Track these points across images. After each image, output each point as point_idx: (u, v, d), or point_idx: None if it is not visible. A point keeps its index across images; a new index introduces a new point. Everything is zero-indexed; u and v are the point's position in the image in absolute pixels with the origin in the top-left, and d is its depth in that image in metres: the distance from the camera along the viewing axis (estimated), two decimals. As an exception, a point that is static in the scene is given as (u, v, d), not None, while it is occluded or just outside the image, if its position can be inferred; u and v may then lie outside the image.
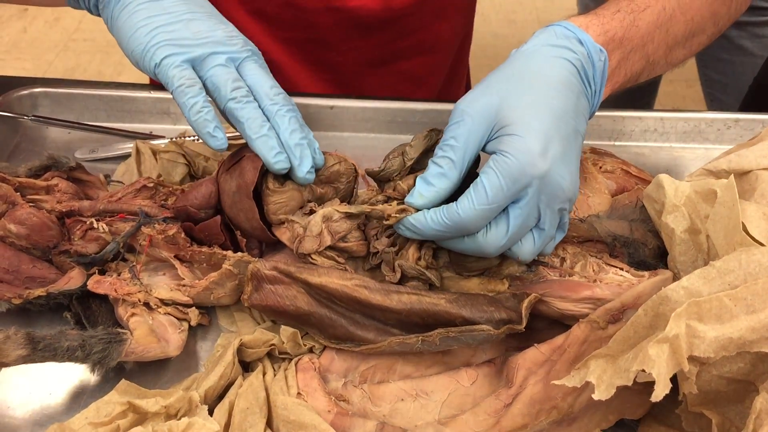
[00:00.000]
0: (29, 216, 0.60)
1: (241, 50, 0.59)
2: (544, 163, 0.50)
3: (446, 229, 0.51)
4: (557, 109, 0.52)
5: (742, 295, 0.44)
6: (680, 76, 2.07)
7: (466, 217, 0.50)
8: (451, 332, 0.51)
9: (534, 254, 0.53)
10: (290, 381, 0.54)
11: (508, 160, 0.50)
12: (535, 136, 0.50)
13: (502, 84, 0.54)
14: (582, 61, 0.55)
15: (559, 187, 0.51)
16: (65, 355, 0.52)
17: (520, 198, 0.50)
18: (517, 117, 0.51)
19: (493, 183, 0.49)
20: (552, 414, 0.50)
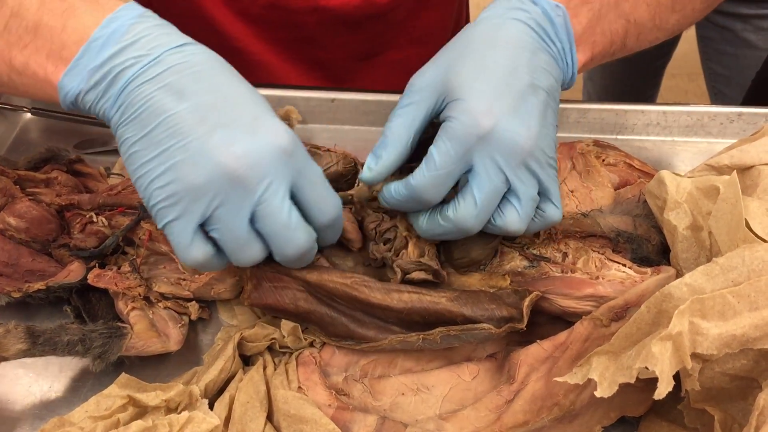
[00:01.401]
0: (29, 209, 0.60)
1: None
2: (489, 120, 0.49)
3: (405, 200, 0.51)
4: (504, 67, 0.51)
5: (746, 292, 0.44)
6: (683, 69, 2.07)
7: (419, 185, 0.50)
8: (452, 330, 0.51)
9: (523, 223, 0.52)
10: (291, 375, 0.54)
11: (452, 123, 0.49)
12: (478, 96, 0.50)
13: (449, 53, 0.54)
14: (536, 19, 0.54)
15: (514, 142, 0.49)
16: (65, 350, 0.52)
17: (474, 162, 0.50)
18: (460, 82, 0.51)
19: (440, 148, 0.49)
20: (553, 411, 0.50)
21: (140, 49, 0.47)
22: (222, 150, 0.45)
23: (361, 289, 0.53)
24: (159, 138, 0.46)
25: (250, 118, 0.47)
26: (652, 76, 1.50)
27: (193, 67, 0.47)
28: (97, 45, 0.47)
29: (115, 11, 0.49)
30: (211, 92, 0.47)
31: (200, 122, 0.46)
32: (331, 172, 0.58)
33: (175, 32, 0.49)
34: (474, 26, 0.55)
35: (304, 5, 0.80)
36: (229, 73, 0.49)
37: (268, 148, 0.46)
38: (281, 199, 0.47)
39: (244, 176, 0.45)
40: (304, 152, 0.48)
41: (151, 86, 0.47)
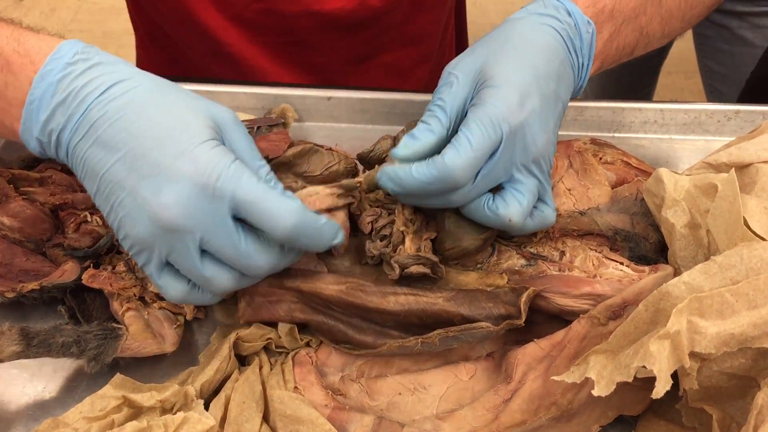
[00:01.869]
0: (22, 209, 0.59)
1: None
2: (521, 113, 0.50)
3: (432, 180, 0.49)
4: (539, 69, 0.52)
5: (744, 290, 0.44)
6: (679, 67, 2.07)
7: (452, 165, 0.49)
8: (450, 332, 0.51)
9: (524, 215, 0.52)
10: (287, 375, 0.54)
11: (486, 107, 0.50)
12: (514, 89, 0.51)
13: (487, 46, 0.55)
14: (569, 31, 0.56)
15: (532, 142, 0.51)
16: (60, 351, 0.51)
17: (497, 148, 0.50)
18: (497, 72, 0.52)
19: (474, 130, 0.49)
20: (551, 410, 0.50)
21: (69, 107, 0.47)
22: (151, 203, 0.45)
23: (356, 294, 0.53)
24: (105, 194, 0.47)
25: (172, 157, 0.45)
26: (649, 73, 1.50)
27: (116, 114, 0.46)
28: (33, 108, 0.48)
29: (44, 64, 0.48)
30: (134, 138, 0.46)
31: (129, 174, 0.46)
32: (332, 171, 0.58)
33: (102, 74, 0.48)
34: (511, 25, 0.56)
35: (298, 10, 0.80)
36: (157, 107, 0.47)
37: (192, 189, 0.45)
38: (222, 234, 0.46)
39: (177, 225, 0.45)
40: (235, 174, 0.46)
41: (84, 145, 0.47)
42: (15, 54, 0.48)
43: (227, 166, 0.46)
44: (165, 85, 0.49)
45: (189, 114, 0.48)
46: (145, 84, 0.48)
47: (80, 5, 2.49)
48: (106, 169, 0.46)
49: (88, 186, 0.49)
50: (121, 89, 0.47)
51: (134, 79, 0.48)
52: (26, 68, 0.48)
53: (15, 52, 0.48)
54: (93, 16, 2.45)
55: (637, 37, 0.61)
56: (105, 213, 0.48)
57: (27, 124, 0.49)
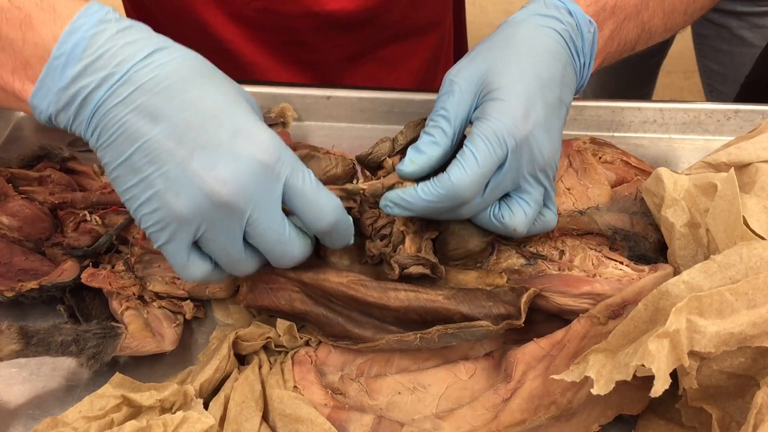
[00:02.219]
0: (22, 208, 0.59)
1: None
2: (526, 126, 0.50)
3: (440, 200, 0.50)
4: (542, 77, 0.52)
5: (744, 289, 0.44)
6: (678, 67, 2.07)
7: (459, 184, 0.49)
8: (449, 329, 0.51)
9: (528, 224, 0.53)
10: (286, 374, 0.53)
11: (491, 123, 0.49)
12: (518, 100, 0.50)
13: (489, 52, 0.54)
14: (570, 32, 0.55)
15: (539, 152, 0.51)
16: (59, 350, 0.51)
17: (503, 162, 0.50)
18: (501, 82, 0.51)
19: (479, 146, 0.49)
20: (551, 409, 0.50)
21: (105, 67, 0.44)
22: (204, 176, 0.44)
23: (357, 288, 0.53)
24: (138, 165, 0.44)
25: (230, 133, 0.44)
26: (648, 73, 1.50)
27: (164, 81, 0.44)
28: (59, 63, 0.44)
29: (73, 20, 0.44)
30: (185, 109, 0.44)
31: (178, 145, 0.44)
32: (329, 174, 0.58)
33: (141, 38, 0.45)
34: (512, 28, 0.55)
35: (298, 10, 0.80)
36: (205, 79, 0.46)
37: (252, 167, 0.44)
38: (272, 216, 0.46)
39: (231, 201, 0.44)
40: (291, 160, 0.46)
41: (122, 109, 0.44)
42: (38, 9, 0.45)
43: (284, 149, 0.46)
44: (204, 60, 0.48)
45: (236, 92, 0.47)
46: (187, 56, 0.46)
47: (79, 5, 2.48)
48: (148, 139, 0.44)
49: (111, 154, 0.45)
50: (165, 56, 0.45)
51: (174, 48, 0.46)
52: (50, 24, 0.44)
53: (38, 7, 0.45)
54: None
55: (639, 32, 0.60)
56: (129, 185, 0.45)
57: (46, 81, 0.45)
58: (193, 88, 0.45)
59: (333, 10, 0.81)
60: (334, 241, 0.51)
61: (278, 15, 0.81)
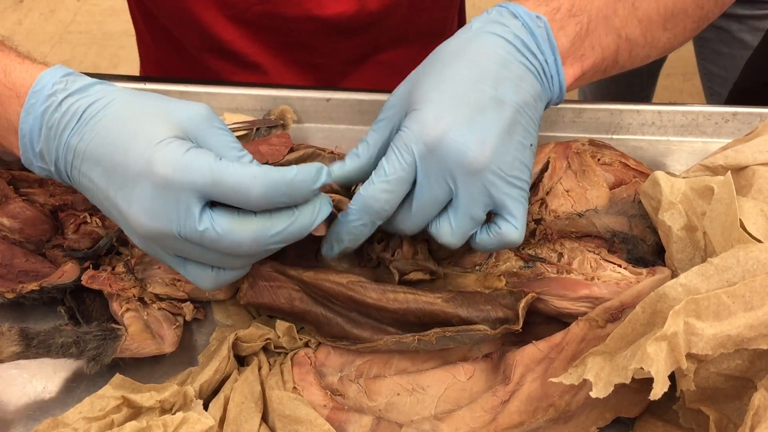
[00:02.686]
0: (22, 210, 0.59)
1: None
2: (437, 128, 0.48)
3: (358, 215, 0.50)
4: (464, 78, 0.50)
5: (741, 292, 0.44)
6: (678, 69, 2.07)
7: (368, 195, 0.49)
8: (447, 332, 0.51)
9: (455, 237, 0.51)
10: (286, 375, 0.54)
11: (402, 132, 0.50)
12: (431, 106, 0.49)
13: (419, 68, 0.54)
14: (514, 32, 0.53)
15: (462, 153, 0.48)
16: (59, 352, 0.51)
17: (418, 171, 0.50)
18: (419, 94, 0.51)
19: (389, 156, 0.49)
20: (549, 412, 0.50)
21: (54, 139, 0.49)
22: (127, 216, 0.47)
23: (356, 289, 0.53)
24: (106, 211, 0.51)
25: (134, 163, 0.46)
26: (648, 75, 1.50)
27: (91, 134, 0.48)
28: (27, 142, 0.50)
29: (27, 99, 0.50)
30: (107, 151, 0.47)
31: (108, 188, 0.48)
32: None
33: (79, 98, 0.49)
34: (447, 41, 0.54)
35: (299, 14, 0.80)
36: (123, 116, 0.48)
37: (149, 192, 0.46)
38: (195, 223, 0.46)
39: (152, 230, 0.47)
40: (186, 165, 0.46)
41: (75, 172, 0.49)
42: (3, 87, 0.51)
43: (180, 156, 0.46)
44: (136, 97, 0.50)
45: (151, 119, 0.48)
46: (114, 100, 0.49)
47: (80, 6, 2.49)
48: (95, 188, 0.49)
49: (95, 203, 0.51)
50: (92, 111, 0.49)
51: (105, 98, 0.49)
52: (13, 101, 0.50)
53: (3, 85, 0.51)
54: (93, 18, 2.45)
55: (616, 40, 0.58)
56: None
57: (26, 155, 0.51)
58: (111, 132, 0.48)
59: (333, 14, 0.81)
60: (292, 200, 0.47)
61: (280, 18, 0.81)
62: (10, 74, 0.51)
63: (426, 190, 0.50)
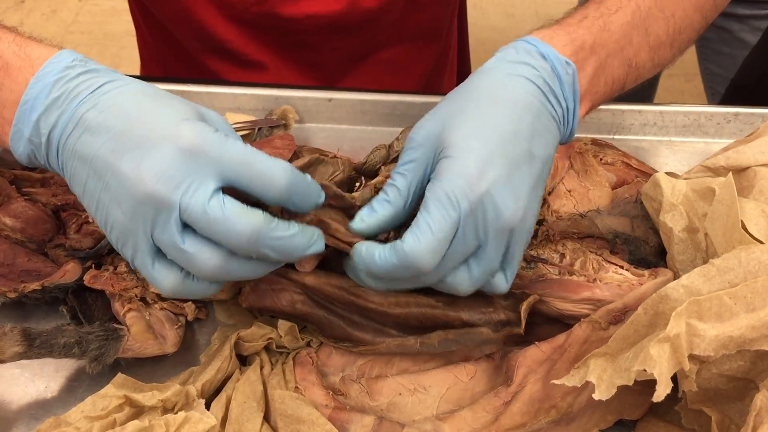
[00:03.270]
0: (24, 209, 0.59)
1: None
2: (481, 185, 0.46)
3: (395, 269, 0.47)
4: (505, 131, 0.48)
5: (742, 293, 0.44)
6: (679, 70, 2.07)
7: (412, 253, 0.46)
8: (450, 334, 0.51)
9: (471, 287, 0.49)
10: (288, 375, 0.54)
11: (443, 184, 0.47)
12: (473, 158, 0.47)
13: (449, 106, 0.51)
14: (544, 77, 0.51)
15: (499, 212, 0.47)
16: (62, 352, 0.51)
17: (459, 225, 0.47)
18: (456, 139, 0.48)
19: (432, 213, 0.46)
20: (551, 413, 0.50)
21: (60, 106, 0.47)
22: (131, 176, 0.44)
23: (358, 293, 0.53)
24: (91, 187, 0.46)
25: (155, 131, 0.45)
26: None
27: (106, 104, 0.46)
28: (27, 108, 0.48)
29: (42, 67, 0.48)
30: (121, 119, 0.46)
31: (112, 154, 0.45)
32: (336, 180, 0.58)
33: (97, 75, 0.48)
34: (478, 78, 0.52)
35: (297, 13, 0.80)
36: (145, 96, 0.47)
37: (173, 154, 0.44)
38: (206, 197, 0.44)
39: (154, 191, 0.44)
40: (218, 140, 0.45)
41: (73, 140, 0.46)
42: (15, 57, 0.49)
43: (212, 132, 0.45)
44: (153, 85, 0.49)
45: (173, 101, 0.48)
46: (133, 82, 0.48)
47: (81, 7, 2.49)
48: (94, 154, 0.46)
49: (76, 185, 0.47)
50: (110, 87, 0.47)
51: (124, 79, 0.49)
52: (25, 71, 0.48)
53: (15, 55, 0.49)
54: (94, 18, 2.45)
55: (626, 70, 0.57)
56: (92, 210, 0.47)
57: (19, 126, 0.48)
58: (131, 101, 0.47)
59: (332, 11, 0.81)
60: (299, 204, 0.47)
61: (278, 18, 0.81)
62: (25, 48, 0.49)
63: (460, 245, 0.48)
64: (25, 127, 0.48)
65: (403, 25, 0.88)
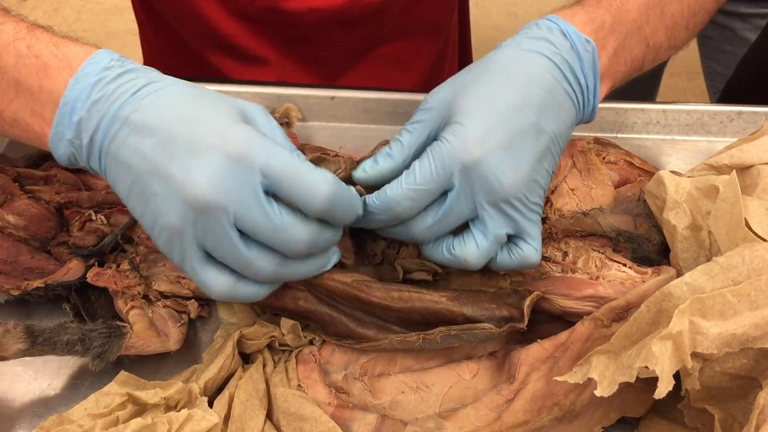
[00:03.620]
0: (28, 207, 0.59)
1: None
2: (478, 150, 0.48)
3: (378, 211, 0.50)
4: (513, 102, 0.50)
5: (746, 291, 0.44)
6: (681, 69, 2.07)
7: (393, 196, 0.49)
8: (452, 330, 0.51)
9: (481, 257, 0.51)
10: (290, 373, 0.54)
11: (442, 144, 0.49)
12: (475, 124, 0.49)
13: (465, 76, 0.52)
14: (563, 54, 0.52)
15: (496, 180, 0.48)
16: (65, 349, 0.52)
17: (452, 186, 0.49)
18: (464, 106, 0.50)
19: (423, 165, 0.49)
20: (553, 411, 0.50)
21: (102, 108, 0.47)
22: (182, 182, 0.44)
23: (361, 288, 0.53)
24: (138, 189, 0.46)
25: (203, 135, 0.45)
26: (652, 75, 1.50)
27: (149, 106, 0.46)
28: (67, 110, 0.47)
29: (80, 68, 0.48)
30: (167, 121, 0.46)
31: (162, 157, 0.45)
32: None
33: (134, 78, 0.48)
34: (498, 52, 0.53)
35: (299, 6, 0.81)
36: (188, 96, 0.48)
37: (222, 162, 0.44)
38: (255, 206, 0.45)
39: (208, 201, 0.44)
40: (267, 147, 0.45)
41: (117, 144, 0.47)
42: (54, 58, 0.48)
43: (259, 138, 0.45)
44: (194, 85, 0.49)
45: (217, 102, 0.48)
46: (174, 83, 0.48)
47: (84, 5, 2.49)
48: (140, 160, 0.46)
49: (121, 187, 0.48)
50: (152, 88, 0.47)
51: (165, 80, 0.48)
52: (64, 72, 0.48)
53: (54, 56, 0.48)
54: (96, 16, 2.45)
55: (644, 50, 0.58)
56: (140, 211, 0.47)
57: (59, 128, 0.48)
58: (173, 107, 0.47)
59: (336, 5, 0.81)
60: (339, 218, 0.48)
61: (280, 12, 0.81)
62: (63, 48, 0.49)
63: (454, 206, 0.49)
64: (65, 129, 0.48)
65: (405, 19, 0.88)
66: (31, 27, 0.51)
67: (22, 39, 0.49)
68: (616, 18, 0.56)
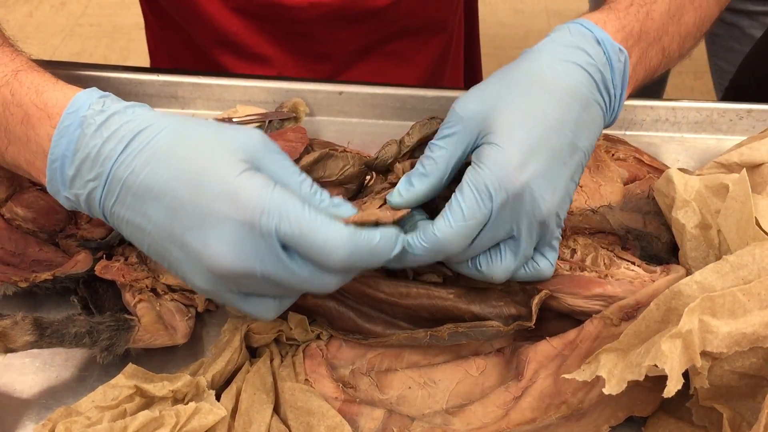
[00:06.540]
0: (36, 199, 0.60)
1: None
2: (519, 178, 0.46)
3: (426, 253, 0.48)
4: (551, 120, 0.48)
5: (756, 289, 0.44)
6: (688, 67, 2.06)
7: (444, 238, 0.47)
8: (460, 327, 0.51)
9: (508, 274, 0.50)
10: (298, 367, 0.54)
11: (482, 172, 0.47)
12: (516, 148, 0.47)
13: (498, 87, 0.50)
14: (597, 65, 0.51)
15: (536, 205, 0.47)
16: (72, 342, 0.52)
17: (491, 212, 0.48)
18: (502, 125, 0.48)
19: (467, 197, 0.46)
20: (561, 409, 0.50)
21: (93, 168, 0.46)
22: (201, 254, 0.44)
23: (369, 284, 0.53)
24: (158, 251, 0.46)
25: (211, 199, 0.43)
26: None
27: (145, 167, 0.44)
28: (57, 166, 0.47)
29: (60, 120, 0.46)
30: (170, 187, 0.44)
31: (173, 227, 0.44)
32: (346, 174, 0.58)
33: (119, 128, 0.46)
34: (530, 60, 0.51)
35: (301, 3, 0.80)
36: (182, 146, 0.45)
37: (237, 232, 0.43)
38: (282, 265, 0.44)
39: (234, 270, 0.44)
40: (277, 204, 0.43)
41: (121, 207, 0.46)
42: (34, 107, 0.47)
43: (269, 196, 0.43)
44: (187, 124, 0.47)
45: (217, 149, 0.45)
46: (166, 128, 0.46)
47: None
48: (152, 226, 0.45)
49: (139, 245, 0.47)
50: (143, 140, 0.45)
51: (154, 126, 0.46)
52: (44, 123, 0.47)
53: (34, 105, 0.47)
54: (103, 10, 2.46)
55: (660, 59, 0.57)
56: (166, 266, 0.47)
57: (53, 183, 0.47)
58: (171, 165, 0.45)
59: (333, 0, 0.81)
60: (363, 268, 0.47)
61: (282, 8, 0.81)
62: (42, 94, 0.48)
63: (492, 230, 0.48)
64: (59, 185, 0.47)
65: (409, 18, 0.88)
66: (16, 70, 0.49)
67: (7, 84, 0.48)
68: (643, 26, 0.55)
